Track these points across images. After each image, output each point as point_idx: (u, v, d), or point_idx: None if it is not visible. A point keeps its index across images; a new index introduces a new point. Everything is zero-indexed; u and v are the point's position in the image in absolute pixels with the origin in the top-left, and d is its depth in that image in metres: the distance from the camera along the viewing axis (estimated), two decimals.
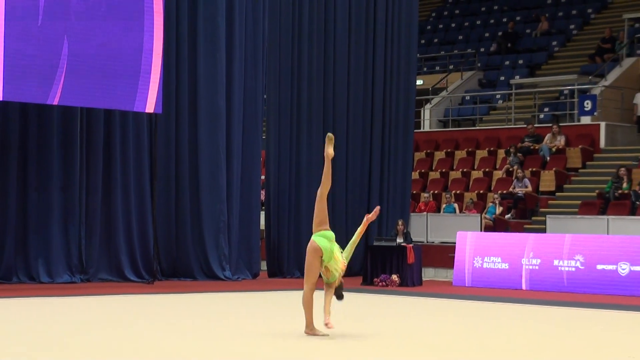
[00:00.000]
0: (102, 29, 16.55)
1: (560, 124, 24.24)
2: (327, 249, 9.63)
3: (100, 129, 17.77)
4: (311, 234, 9.90)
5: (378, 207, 10.43)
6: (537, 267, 17.74)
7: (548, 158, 23.35)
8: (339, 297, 9.75)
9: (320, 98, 20.10)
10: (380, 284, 17.95)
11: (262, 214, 20.05)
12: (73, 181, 17.42)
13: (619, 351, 9.78)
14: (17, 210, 17.04)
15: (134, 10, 16.83)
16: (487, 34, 30.68)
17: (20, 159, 17.12)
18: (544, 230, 19.72)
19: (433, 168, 24.95)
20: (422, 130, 26.65)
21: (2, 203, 16.93)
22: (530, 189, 22.09)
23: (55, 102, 16.33)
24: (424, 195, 22.75)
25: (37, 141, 17.22)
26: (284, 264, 19.71)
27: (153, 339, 10.01)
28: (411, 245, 18.33)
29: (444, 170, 24.55)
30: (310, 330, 9.80)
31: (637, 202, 20.10)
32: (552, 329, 11.95)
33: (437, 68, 29.68)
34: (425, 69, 29.16)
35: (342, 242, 9.77)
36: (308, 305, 9.73)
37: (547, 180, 22.76)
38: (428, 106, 27.43)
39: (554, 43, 28.97)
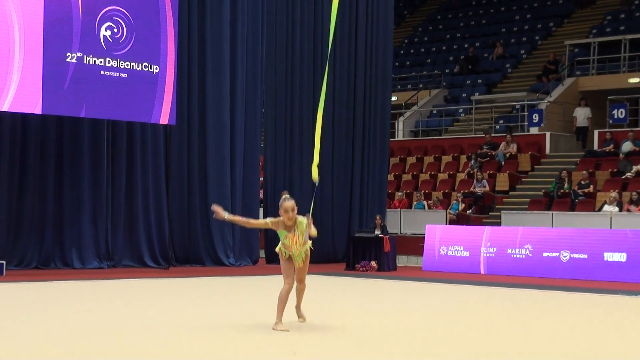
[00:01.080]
0: (127, 55, 16.64)
1: (513, 134, 24.38)
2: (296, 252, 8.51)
3: (123, 138, 17.84)
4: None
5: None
6: (493, 255, 17.86)
7: (503, 162, 23.49)
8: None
9: (309, 112, 20.14)
10: (361, 269, 18.04)
11: (261, 210, 20.10)
12: (101, 182, 17.48)
13: (561, 326, 9.88)
14: (54, 207, 17.12)
15: (153, 40, 16.93)
16: (451, 58, 30.83)
17: (57, 164, 17.19)
18: (499, 224, 19.86)
19: (405, 171, 25.07)
20: (396, 139, 26.76)
21: (42, 201, 17.00)
22: (487, 188, 22.20)
23: (85, 115, 16.41)
24: (398, 194, 22.84)
25: (71, 148, 17.29)
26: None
27: (168, 314, 10.10)
28: (387, 236, 18.41)
29: (414, 173, 24.66)
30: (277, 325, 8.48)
31: (576, 200, 20.23)
32: (506, 307, 12.05)
33: (409, 86, 29.81)
34: (398, 87, 29.29)
35: (327, 232, 9.78)
36: (282, 301, 8.46)
37: (502, 181, 22.90)
38: (401, 119, 27.55)
39: (508, 65, 29.14)
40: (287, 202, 8.37)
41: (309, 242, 8.61)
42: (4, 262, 15.71)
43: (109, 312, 10.23)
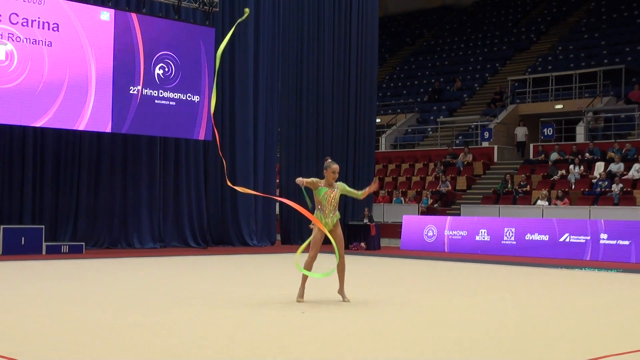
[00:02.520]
0: (175, 88, 16.68)
1: (469, 147, 24.34)
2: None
3: (172, 150, 17.84)
4: (305, 219, 8.30)
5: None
6: (454, 237, 17.82)
7: (461, 168, 23.44)
8: None
9: (314, 130, 20.21)
10: (353, 248, 18.04)
11: (277, 204, 20.10)
12: (155, 183, 17.48)
13: (504, 289, 9.85)
14: (120, 202, 17.13)
15: (194, 77, 16.99)
16: (421, 90, 30.82)
17: (122, 170, 17.21)
18: (459, 214, 19.84)
19: (387, 175, 25.03)
20: (380, 150, 26.74)
21: (111, 198, 17.03)
22: (450, 188, 22.16)
23: (143, 133, 16.45)
24: (382, 192, 22.83)
25: (133, 158, 17.31)
26: (291, 235, 19.76)
27: (203, 279, 10.09)
28: (373, 223, 18.43)
29: (394, 176, 24.63)
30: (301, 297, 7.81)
31: (517, 196, 20.18)
32: (461, 276, 12.02)
33: (390, 111, 29.79)
34: (382, 112, 29.26)
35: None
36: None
37: (461, 182, 22.84)
38: (384, 135, 27.52)
39: (465, 95, 29.11)
40: (335, 165, 7.78)
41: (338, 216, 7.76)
42: (84, 243, 15.74)
43: (161, 278, 10.24)
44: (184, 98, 16.81)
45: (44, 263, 12.86)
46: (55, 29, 15.06)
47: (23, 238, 14.75)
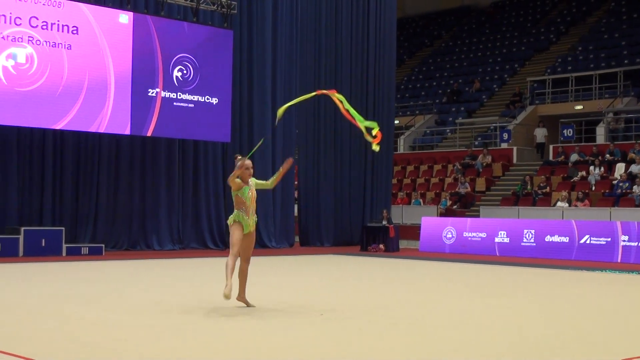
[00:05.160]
0: (193, 90, 16.72)
1: (488, 148, 24.16)
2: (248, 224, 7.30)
3: (190, 151, 17.85)
4: (324, 221, 7.74)
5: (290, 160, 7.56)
6: (473, 239, 17.68)
7: (481, 169, 23.28)
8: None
9: (331, 131, 20.16)
10: (372, 250, 17.93)
11: (295, 206, 20.04)
12: (174, 184, 17.48)
13: (524, 291, 9.74)
14: (139, 204, 17.13)
15: (213, 79, 17.00)
16: (440, 91, 30.67)
17: (141, 171, 17.21)
18: (478, 216, 19.68)
19: (406, 176, 24.92)
20: (398, 152, 26.63)
21: (131, 199, 17.02)
22: (469, 189, 22.01)
23: (162, 135, 16.49)
24: (400, 193, 22.72)
25: (152, 159, 17.30)
26: (309, 237, 19.70)
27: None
28: (392, 225, 18.31)
29: (413, 178, 24.52)
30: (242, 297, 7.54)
31: (537, 198, 20.01)
32: (480, 278, 11.91)
33: (408, 112, 29.67)
34: (400, 113, 29.14)
35: (346, 222, 9.63)
36: (231, 270, 7.28)
37: (480, 183, 22.69)
38: (402, 137, 27.41)
39: (484, 96, 28.92)
40: (248, 161, 7.28)
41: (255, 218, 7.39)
42: (104, 244, 15.81)
43: (179, 280, 10.23)
44: (203, 100, 16.83)
45: (64, 264, 12.91)
46: (74, 32, 15.14)
47: (43, 240, 14.84)
